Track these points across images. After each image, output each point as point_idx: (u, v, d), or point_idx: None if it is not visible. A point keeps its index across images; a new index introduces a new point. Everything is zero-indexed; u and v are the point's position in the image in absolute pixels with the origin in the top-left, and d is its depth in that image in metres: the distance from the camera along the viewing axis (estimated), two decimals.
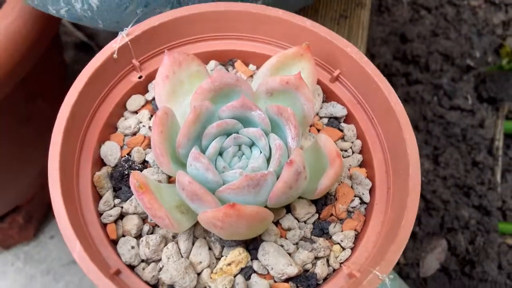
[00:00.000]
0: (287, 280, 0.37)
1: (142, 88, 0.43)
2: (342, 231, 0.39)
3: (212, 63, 0.45)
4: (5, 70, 0.62)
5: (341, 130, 0.43)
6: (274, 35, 0.44)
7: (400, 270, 0.86)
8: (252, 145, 0.38)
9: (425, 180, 0.95)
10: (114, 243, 0.37)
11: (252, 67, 0.46)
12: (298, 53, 0.40)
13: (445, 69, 1.08)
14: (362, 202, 0.41)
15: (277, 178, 0.35)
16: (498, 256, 0.87)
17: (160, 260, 0.37)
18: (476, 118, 1.00)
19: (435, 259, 0.87)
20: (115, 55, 0.39)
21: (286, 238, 0.38)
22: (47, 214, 0.96)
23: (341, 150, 0.43)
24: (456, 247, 0.88)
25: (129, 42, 0.40)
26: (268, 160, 0.37)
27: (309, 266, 0.37)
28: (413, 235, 0.91)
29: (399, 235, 0.35)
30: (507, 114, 1.00)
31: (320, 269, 0.37)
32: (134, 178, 0.33)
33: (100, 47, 1.08)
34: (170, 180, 0.40)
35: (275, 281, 0.37)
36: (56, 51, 0.85)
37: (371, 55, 1.09)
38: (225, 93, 0.37)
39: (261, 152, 0.37)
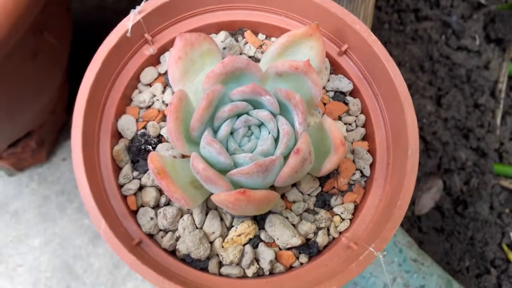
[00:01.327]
0: (290, 248, 0.41)
1: (154, 60, 0.45)
2: (342, 203, 0.42)
3: (222, 33, 0.46)
4: (16, 16, 0.62)
5: (346, 104, 0.45)
6: (284, 7, 0.44)
7: None
8: (261, 125, 0.40)
9: (427, 122, 0.97)
10: (134, 213, 0.41)
11: (261, 36, 0.47)
12: (308, 33, 0.40)
13: (455, 5, 1.05)
14: (363, 175, 0.43)
15: (284, 159, 0.37)
16: (491, 197, 0.91)
17: (176, 229, 0.40)
18: (482, 59, 1.00)
19: (430, 198, 0.92)
20: (128, 34, 0.40)
21: (291, 210, 0.42)
22: (59, 137, 0.98)
23: (345, 124, 0.45)
24: (451, 187, 0.92)
25: (141, 20, 0.41)
26: (276, 140, 0.39)
27: (311, 235, 0.41)
28: None
29: (394, 214, 0.38)
30: None
31: (321, 239, 0.41)
32: (152, 163, 0.35)
33: None
34: (184, 155, 0.42)
35: (280, 249, 0.41)
36: None
37: None
38: (236, 76, 0.39)
39: (269, 133, 0.39)
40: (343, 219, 0.42)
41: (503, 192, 0.93)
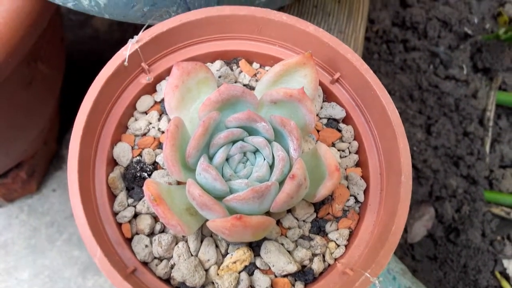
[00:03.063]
0: (286, 276, 0.40)
1: (151, 89, 0.45)
2: (337, 229, 0.42)
3: (218, 62, 0.46)
4: (11, 49, 0.63)
5: (340, 131, 0.46)
6: (278, 37, 0.45)
7: None
8: (256, 151, 0.41)
9: (417, 149, 0.99)
10: (128, 240, 0.41)
11: (255, 65, 0.48)
12: (301, 61, 0.41)
13: (443, 35, 1.08)
14: (357, 201, 0.44)
15: (280, 184, 0.37)
16: (482, 224, 0.92)
17: (171, 257, 0.40)
18: (470, 88, 1.02)
19: (423, 226, 0.92)
20: (126, 63, 0.41)
21: (287, 237, 0.42)
22: (49, 168, 0.98)
23: (339, 150, 0.45)
24: (443, 215, 0.93)
25: (138, 49, 0.41)
26: (271, 166, 0.40)
27: (306, 262, 0.41)
28: None
29: (389, 239, 0.38)
30: (500, 84, 1.02)
31: (317, 265, 0.41)
32: (149, 190, 0.35)
33: None
34: (179, 181, 0.43)
35: (275, 276, 0.40)
36: (56, 14, 0.84)
37: (370, 21, 1.09)
38: (232, 103, 0.39)
39: (264, 160, 0.40)
40: (338, 245, 0.42)
41: (494, 219, 0.93)
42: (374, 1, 1.12)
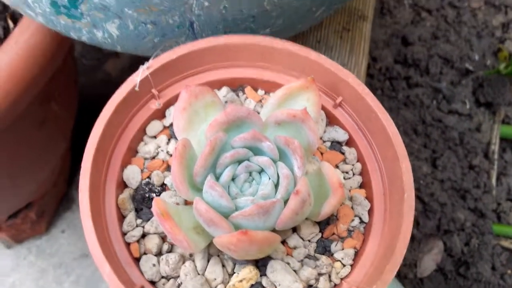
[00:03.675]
0: None
1: (160, 114, 0.47)
2: (343, 249, 0.43)
3: (224, 89, 0.48)
4: (25, 86, 0.65)
5: (343, 153, 0.47)
6: (282, 64, 0.47)
7: (398, 270, 0.90)
8: (261, 171, 0.42)
9: (423, 183, 0.99)
10: (136, 260, 0.41)
11: (260, 92, 0.49)
12: (304, 86, 0.43)
13: (445, 72, 1.11)
14: (362, 221, 0.44)
15: (285, 203, 0.38)
16: (492, 257, 0.91)
17: (178, 276, 0.41)
18: (473, 122, 1.04)
19: (432, 260, 0.91)
20: (136, 88, 0.43)
21: (292, 256, 0.42)
22: (59, 209, 0.99)
23: (343, 172, 0.46)
24: (452, 248, 0.92)
25: (149, 75, 0.44)
26: (276, 185, 0.41)
27: (312, 281, 0.41)
28: (411, 236, 0.95)
29: (394, 256, 0.39)
30: (503, 118, 1.03)
31: (323, 285, 0.41)
32: (157, 206, 0.37)
33: None
34: (186, 202, 0.44)
35: None
36: (70, 55, 0.88)
37: (373, 59, 1.12)
38: (238, 124, 0.41)
39: (269, 179, 0.41)
40: (344, 265, 0.42)
41: (504, 252, 0.92)
42: (376, 40, 1.15)
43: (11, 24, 0.70)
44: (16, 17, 0.69)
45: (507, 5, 1.20)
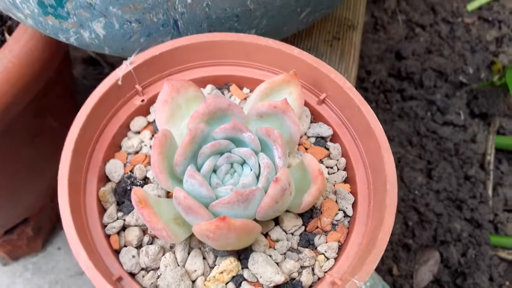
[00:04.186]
0: (275, 287, 0.40)
1: (144, 110, 0.47)
2: (326, 242, 0.42)
3: (209, 87, 0.49)
4: (18, 90, 0.66)
5: (327, 149, 0.47)
6: (266, 62, 0.48)
7: (394, 282, 0.89)
8: (243, 163, 0.42)
9: (419, 193, 0.98)
10: (116, 252, 0.41)
11: (246, 90, 0.50)
12: (286, 79, 0.43)
13: (439, 85, 1.11)
14: (346, 215, 0.44)
15: (266, 193, 0.38)
16: (489, 268, 0.90)
17: (158, 268, 0.40)
18: (468, 133, 1.04)
19: (428, 271, 0.90)
20: (119, 82, 0.43)
21: (275, 249, 0.42)
22: (55, 225, 0.99)
23: (327, 167, 0.46)
24: (448, 259, 0.91)
25: (132, 70, 0.44)
26: (258, 176, 0.41)
27: (295, 274, 0.41)
28: (407, 247, 0.94)
29: (376, 246, 0.38)
30: (498, 129, 1.03)
31: (306, 278, 0.41)
32: (135, 194, 0.36)
33: (107, 62, 1.12)
34: (168, 195, 0.44)
35: None
36: (65, 68, 0.89)
37: (367, 72, 1.13)
38: (219, 116, 0.41)
39: (251, 170, 0.41)
40: (327, 258, 0.42)
41: (501, 263, 0.91)
42: (370, 55, 1.16)
43: (7, 37, 0.72)
44: (12, 30, 0.70)
45: (500, 20, 1.22)
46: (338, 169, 0.47)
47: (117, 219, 0.42)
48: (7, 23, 0.73)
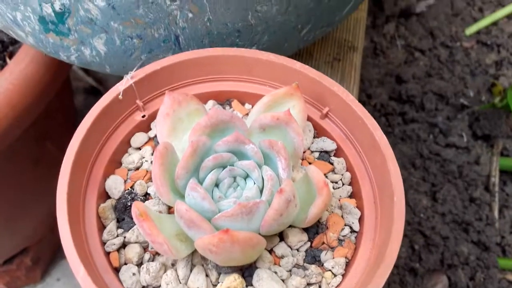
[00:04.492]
0: None
1: (145, 126, 0.47)
2: (333, 258, 0.41)
3: (211, 102, 0.48)
4: (18, 113, 0.66)
5: (331, 163, 0.46)
6: (267, 77, 0.47)
7: None
8: (246, 177, 0.41)
9: (424, 216, 0.97)
10: (116, 270, 0.39)
11: (247, 106, 0.49)
12: (289, 92, 0.43)
13: (440, 108, 1.11)
14: (352, 231, 0.43)
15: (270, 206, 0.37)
16: None
17: (159, 286, 0.39)
18: (472, 155, 1.03)
19: None
20: (120, 96, 0.43)
21: (280, 265, 0.40)
22: (55, 256, 0.97)
23: (332, 182, 0.45)
24: (456, 283, 0.89)
25: (133, 84, 0.44)
26: (261, 190, 0.40)
27: None
28: (414, 271, 0.92)
29: (385, 260, 0.37)
30: (501, 150, 1.02)
31: None
32: (136, 207, 0.35)
33: None
34: (170, 211, 0.42)
35: None
36: (66, 95, 0.89)
37: (367, 96, 1.13)
38: (221, 129, 0.40)
39: (254, 183, 0.40)
40: (335, 275, 0.40)
41: (510, 286, 0.88)
42: (370, 79, 1.17)
43: (9, 62, 0.72)
44: (14, 56, 0.71)
45: (499, 44, 1.23)
46: (343, 184, 0.46)
47: (117, 236, 0.41)
48: (9, 49, 0.73)
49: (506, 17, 1.25)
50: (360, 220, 0.43)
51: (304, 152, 0.47)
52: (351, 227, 0.43)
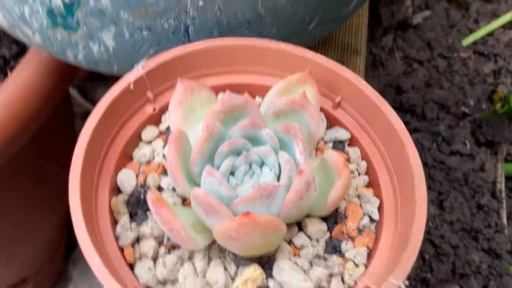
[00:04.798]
0: None
1: (156, 119, 0.46)
2: (354, 248, 0.39)
3: (221, 95, 0.47)
4: (21, 122, 0.65)
5: (346, 153, 0.45)
6: (278, 67, 0.47)
7: None
8: (262, 164, 0.40)
9: (432, 225, 0.95)
10: (131, 266, 0.38)
11: (258, 99, 0.48)
12: (301, 78, 0.42)
13: (441, 117, 1.11)
14: (372, 220, 0.41)
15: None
16: None
17: (176, 280, 0.37)
18: (476, 162, 1.02)
19: None
20: (131, 86, 0.42)
21: (300, 256, 0.39)
22: (56, 285, 0.94)
23: None
24: None
25: (144, 75, 0.43)
26: (278, 177, 0.38)
27: (324, 284, 0.38)
28: (426, 282, 0.90)
29: (411, 242, 0.35)
30: (505, 156, 1.01)
31: (336, 287, 0.37)
32: (152, 193, 0.34)
33: None
34: (184, 203, 0.41)
35: None
36: (67, 113, 0.88)
37: None
38: (235, 115, 0.39)
39: (271, 170, 0.39)
40: (357, 265, 0.39)
41: None
42: None
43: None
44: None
45: (496, 54, 1.24)
46: (359, 174, 0.44)
47: (131, 230, 0.39)
48: (10, 64, 0.73)
49: (502, 27, 1.27)
50: (379, 208, 0.42)
51: (317, 142, 0.46)
52: (370, 216, 0.41)
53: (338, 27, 0.86)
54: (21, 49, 0.70)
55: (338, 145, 0.45)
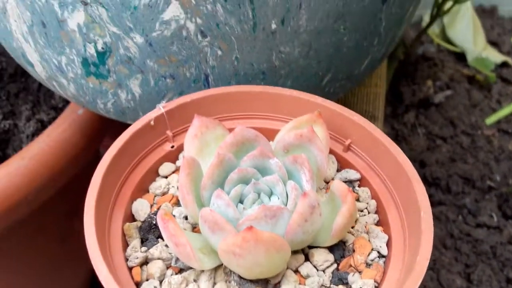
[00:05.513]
0: None
1: (173, 156, 0.48)
2: (361, 279, 0.39)
3: None
4: (52, 174, 0.69)
5: (356, 193, 0.46)
6: (290, 113, 0.50)
7: None
8: (271, 194, 0.41)
9: None
10: (137, 286, 0.39)
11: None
12: (311, 119, 0.45)
13: (467, 191, 1.10)
14: (380, 255, 0.41)
15: None
16: None
17: None
18: (504, 235, 0.99)
19: None
20: (151, 122, 0.45)
21: (305, 285, 0.39)
22: None
23: (358, 211, 0.45)
24: None
25: (164, 113, 0.46)
26: (285, 205, 0.40)
27: None
28: None
29: (415, 270, 0.35)
30: None
31: None
32: (162, 210, 0.36)
33: None
34: (194, 230, 0.42)
35: None
36: (95, 169, 0.92)
37: None
38: (246, 148, 0.42)
39: (278, 198, 0.40)
40: None
41: None
42: None
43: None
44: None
45: None
46: (368, 212, 0.45)
47: (140, 251, 0.40)
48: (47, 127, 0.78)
49: None
50: (388, 244, 0.42)
51: (327, 182, 0.47)
52: (379, 252, 0.41)
53: (355, 96, 0.90)
54: (58, 114, 0.76)
55: (349, 185, 0.47)
